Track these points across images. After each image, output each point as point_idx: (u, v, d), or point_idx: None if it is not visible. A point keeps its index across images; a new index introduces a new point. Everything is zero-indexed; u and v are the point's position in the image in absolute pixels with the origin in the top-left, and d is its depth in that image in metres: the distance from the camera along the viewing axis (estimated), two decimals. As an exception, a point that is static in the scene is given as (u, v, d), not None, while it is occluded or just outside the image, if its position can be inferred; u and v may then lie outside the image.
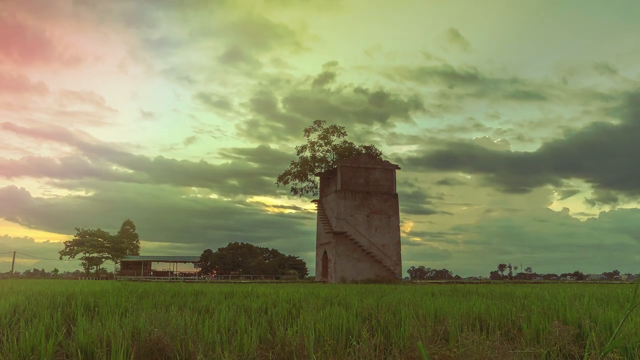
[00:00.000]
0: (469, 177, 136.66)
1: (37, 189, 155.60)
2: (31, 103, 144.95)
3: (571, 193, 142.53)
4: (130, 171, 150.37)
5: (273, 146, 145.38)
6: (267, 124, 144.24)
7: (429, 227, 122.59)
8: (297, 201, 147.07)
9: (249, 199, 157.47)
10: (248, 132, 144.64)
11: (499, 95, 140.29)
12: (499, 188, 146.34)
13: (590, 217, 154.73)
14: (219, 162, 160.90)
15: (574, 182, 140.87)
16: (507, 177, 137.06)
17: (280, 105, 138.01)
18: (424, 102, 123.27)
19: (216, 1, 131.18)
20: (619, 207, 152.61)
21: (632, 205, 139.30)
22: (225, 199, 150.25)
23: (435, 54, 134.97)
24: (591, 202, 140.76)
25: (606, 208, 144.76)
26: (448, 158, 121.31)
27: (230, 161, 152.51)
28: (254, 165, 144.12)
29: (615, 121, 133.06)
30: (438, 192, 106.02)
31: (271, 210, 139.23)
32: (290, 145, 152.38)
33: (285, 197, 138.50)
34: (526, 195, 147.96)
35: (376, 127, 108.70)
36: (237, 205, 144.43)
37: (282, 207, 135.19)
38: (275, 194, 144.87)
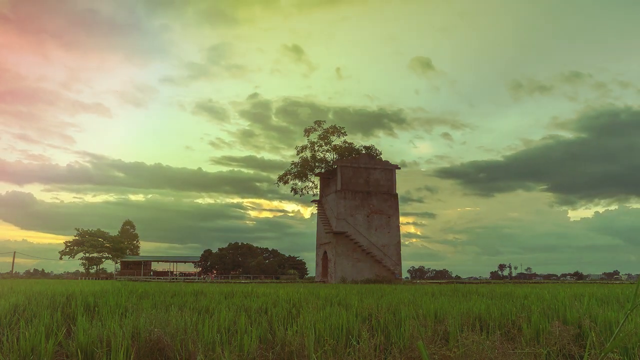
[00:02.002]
0: (445, 182, 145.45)
1: (42, 193, 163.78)
2: (40, 111, 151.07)
3: (541, 197, 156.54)
4: (129, 176, 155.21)
5: (263, 155, 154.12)
6: (263, 133, 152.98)
7: (414, 228, 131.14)
8: (288, 205, 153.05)
9: (244, 203, 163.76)
10: (242, 140, 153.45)
11: (462, 111, 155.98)
12: (473, 192, 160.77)
13: (577, 219, 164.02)
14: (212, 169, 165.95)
15: (540, 187, 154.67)
16: (480, 183, 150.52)
17: (273, 116, 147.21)
18: (405, 116, 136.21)
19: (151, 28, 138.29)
20: (597, 209, 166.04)
21: (592, 208, 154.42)
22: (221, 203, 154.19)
23: (409, 77, 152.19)
24: (550, 205, 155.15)
25: (568, 210, 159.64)
26: (423, 165, 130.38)
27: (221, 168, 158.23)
28: (247, 171, 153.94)
29: (569, 135, 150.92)
30: (418, 196, 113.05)
31: (264, 214, 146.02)
32: (284, 153, 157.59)
33: (277, 201, 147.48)
34: (500, 199, 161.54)
35: (360, 136, 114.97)
36: (232, 209, 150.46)
37: (272, 210, 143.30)
38: (268, 198, 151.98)
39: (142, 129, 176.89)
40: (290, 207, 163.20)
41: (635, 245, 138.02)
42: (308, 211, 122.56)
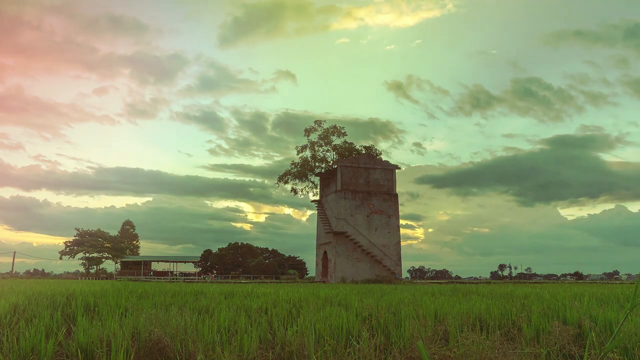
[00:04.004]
0: (423, 187, 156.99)
1: (46, 197, 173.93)
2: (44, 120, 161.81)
3: (516, 200, 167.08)
4: (130, 181, 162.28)
5: (260, 161, 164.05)
6: (261, 142, 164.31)
7: (410, 231, 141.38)
8: (286, 207, 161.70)
9: (239, 207, 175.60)
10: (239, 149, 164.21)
11: (430, 124, 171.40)
12: (453, 196, 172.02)
13: (567, 220, 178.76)
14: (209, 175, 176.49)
15: (511, 190, 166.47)
16: (458, 187, 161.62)
17: (269, 127, 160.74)
18: (385, 129, 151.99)
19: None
20: (590, 211, 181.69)
21: (549, 209, 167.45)
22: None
23: (387, 95, 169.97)
24: (510, 208, 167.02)
25: (530, 211, 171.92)
26: (400, 172, 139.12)
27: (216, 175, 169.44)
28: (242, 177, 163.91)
29: (527, 147, 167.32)
30: (401, 201, 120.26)
31: (261, 216, 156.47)
32: (279, 160, 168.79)
33: (275, 204, 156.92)
34: (478, 201, 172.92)
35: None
36: (229, 212, 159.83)
37: (270, 214, 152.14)
38: (266, 201, 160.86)
39: (144, 137, 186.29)
40: (288, 209, 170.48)
41: (624, 246, 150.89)
42: (307, 212, 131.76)
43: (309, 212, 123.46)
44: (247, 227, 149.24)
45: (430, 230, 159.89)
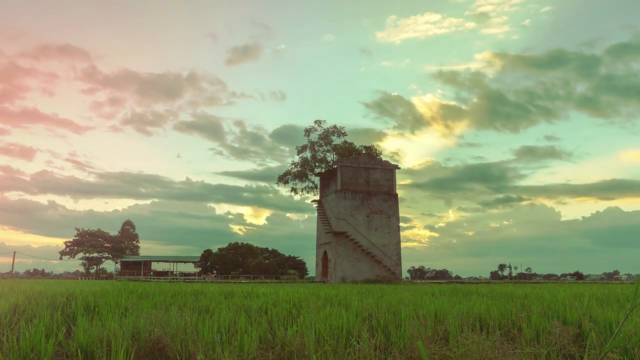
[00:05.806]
0: (407, 191, 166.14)
1: (50, 201, 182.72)
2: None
3: (492, 202, 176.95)
4: (131, 186, 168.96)
5: (259, 167, 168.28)
6: (259, 149, 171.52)
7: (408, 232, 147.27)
8: (285, 208, 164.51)
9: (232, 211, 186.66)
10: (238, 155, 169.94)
11: (407, 133, 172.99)
12: (439, 198, 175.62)
13: (559, 221, 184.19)
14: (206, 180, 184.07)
15: (489, 194, 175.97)
16: (439, 192, 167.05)
17: (267, 137, 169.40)
18: (381, 138, 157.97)
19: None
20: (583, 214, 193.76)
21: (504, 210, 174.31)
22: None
23: (365, 109, 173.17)
24: (495, 211, 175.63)
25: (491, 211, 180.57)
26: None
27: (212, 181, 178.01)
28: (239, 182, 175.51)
29: (496, 155, 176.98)
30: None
31: (259, 219, 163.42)
32: (276, 166, 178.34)
33: (268, 208, 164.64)
34: (460, 205, 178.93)
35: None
36: (225, 215, 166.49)
37: (264, 216, 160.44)
38: (264, 204, 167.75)
39: (149, 144, 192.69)
40: (287, 212, 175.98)
41: (609, 246, 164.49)
42: (305, 215, 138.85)
43: (307, 215, 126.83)
44: (245, 229, 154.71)
45: (423, 232, 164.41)
